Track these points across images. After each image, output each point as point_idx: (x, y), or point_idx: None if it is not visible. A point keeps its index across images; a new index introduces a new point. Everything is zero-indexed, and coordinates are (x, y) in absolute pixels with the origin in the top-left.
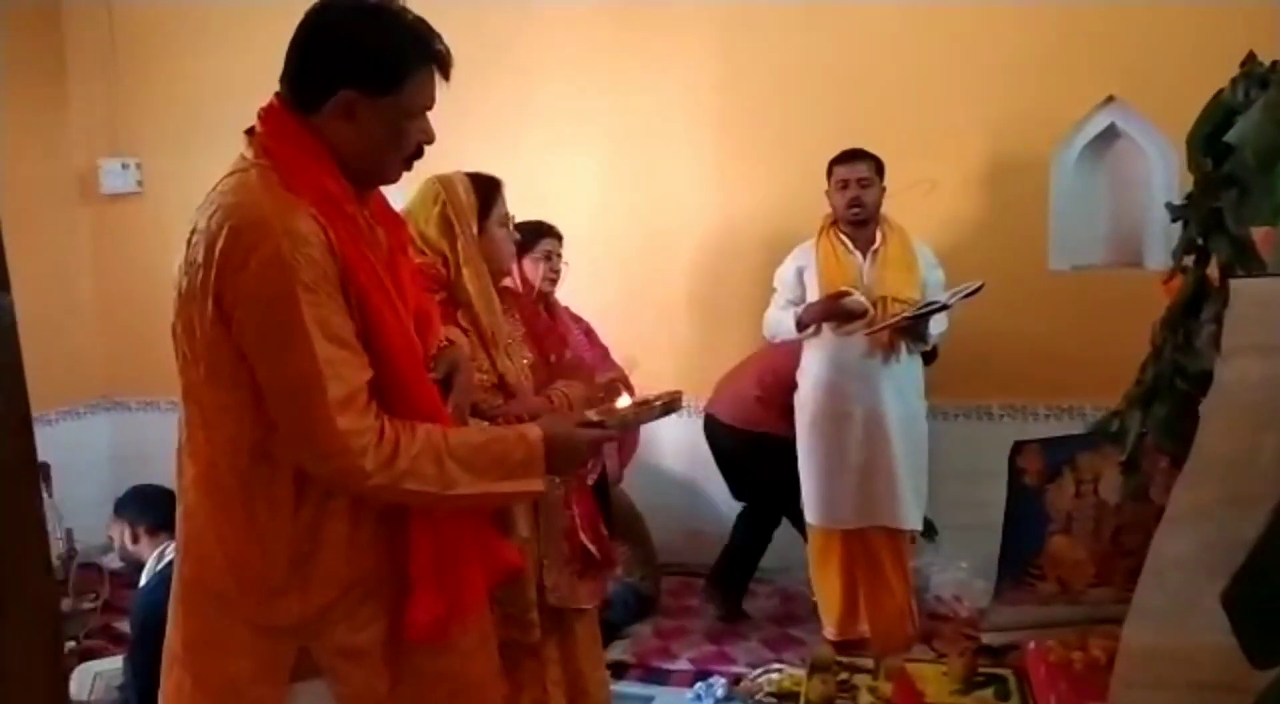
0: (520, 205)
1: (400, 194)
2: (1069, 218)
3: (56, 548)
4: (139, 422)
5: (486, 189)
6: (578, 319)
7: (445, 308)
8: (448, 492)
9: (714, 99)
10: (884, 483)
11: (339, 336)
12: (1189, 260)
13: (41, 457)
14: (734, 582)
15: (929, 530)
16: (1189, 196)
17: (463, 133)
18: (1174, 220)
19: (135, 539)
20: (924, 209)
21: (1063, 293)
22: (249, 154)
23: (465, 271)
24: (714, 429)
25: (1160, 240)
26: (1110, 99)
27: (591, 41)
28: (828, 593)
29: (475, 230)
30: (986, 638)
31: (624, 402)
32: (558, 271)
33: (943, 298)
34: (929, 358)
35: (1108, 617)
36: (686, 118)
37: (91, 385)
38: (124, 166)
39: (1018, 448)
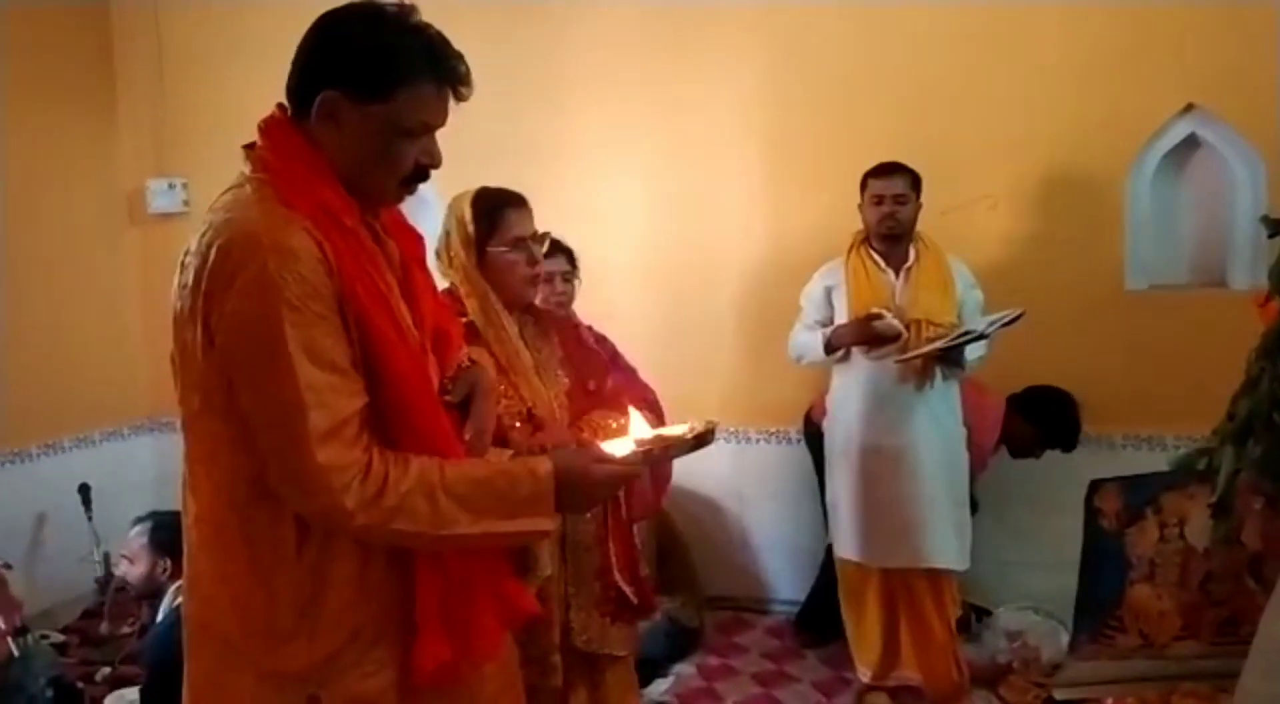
0: (564, 228)
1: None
2: (1147, 234)
3: (95, 571)
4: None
5: (492, 209)
6: (601, 339)
7: (469, 330)
8: (443, 531)
9: (761, 117)
10: (921, 519)
11: (327, 360)
12: None
13: (83, 477)
14: (826, 620)
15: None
16: None
17: (505, 155)
18: (1271, 236)
19: (173, 575)
20: (987, 226)
21: (1140, 314)
22: (246, 169)
23: (467, 299)
24: None
25: (1246, 258)
26: (1190, 107)
27: (635, 62)
28: (862, 632)
29: (472, 255)
30: (1059, 693)
31: (649, 432)
32: (563, 292)
33: (979, 326)
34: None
35: (1195, 673)
36: (733, 137)
37: (138, 406)
38: (170, 186)
39: (1095, 487)
